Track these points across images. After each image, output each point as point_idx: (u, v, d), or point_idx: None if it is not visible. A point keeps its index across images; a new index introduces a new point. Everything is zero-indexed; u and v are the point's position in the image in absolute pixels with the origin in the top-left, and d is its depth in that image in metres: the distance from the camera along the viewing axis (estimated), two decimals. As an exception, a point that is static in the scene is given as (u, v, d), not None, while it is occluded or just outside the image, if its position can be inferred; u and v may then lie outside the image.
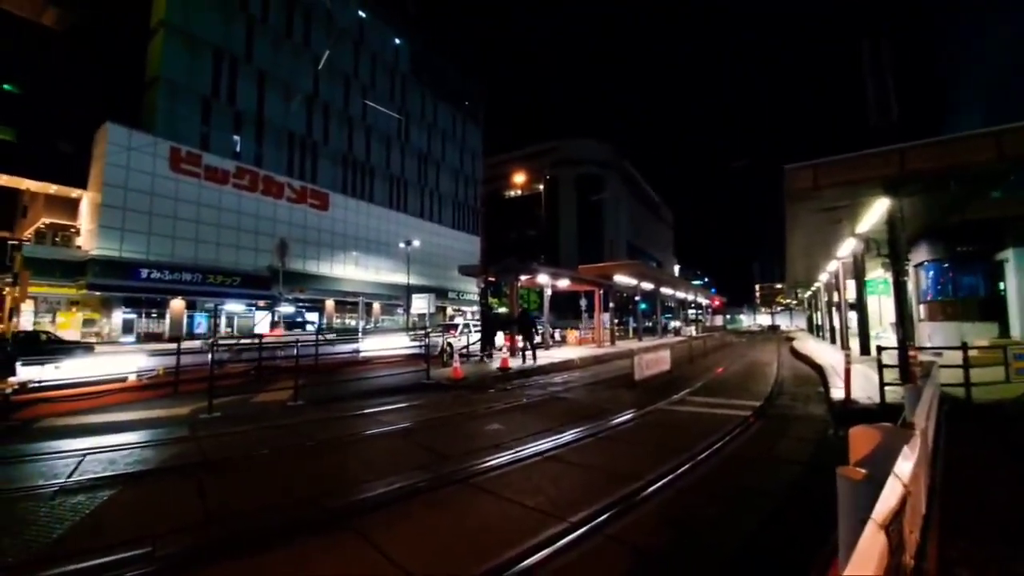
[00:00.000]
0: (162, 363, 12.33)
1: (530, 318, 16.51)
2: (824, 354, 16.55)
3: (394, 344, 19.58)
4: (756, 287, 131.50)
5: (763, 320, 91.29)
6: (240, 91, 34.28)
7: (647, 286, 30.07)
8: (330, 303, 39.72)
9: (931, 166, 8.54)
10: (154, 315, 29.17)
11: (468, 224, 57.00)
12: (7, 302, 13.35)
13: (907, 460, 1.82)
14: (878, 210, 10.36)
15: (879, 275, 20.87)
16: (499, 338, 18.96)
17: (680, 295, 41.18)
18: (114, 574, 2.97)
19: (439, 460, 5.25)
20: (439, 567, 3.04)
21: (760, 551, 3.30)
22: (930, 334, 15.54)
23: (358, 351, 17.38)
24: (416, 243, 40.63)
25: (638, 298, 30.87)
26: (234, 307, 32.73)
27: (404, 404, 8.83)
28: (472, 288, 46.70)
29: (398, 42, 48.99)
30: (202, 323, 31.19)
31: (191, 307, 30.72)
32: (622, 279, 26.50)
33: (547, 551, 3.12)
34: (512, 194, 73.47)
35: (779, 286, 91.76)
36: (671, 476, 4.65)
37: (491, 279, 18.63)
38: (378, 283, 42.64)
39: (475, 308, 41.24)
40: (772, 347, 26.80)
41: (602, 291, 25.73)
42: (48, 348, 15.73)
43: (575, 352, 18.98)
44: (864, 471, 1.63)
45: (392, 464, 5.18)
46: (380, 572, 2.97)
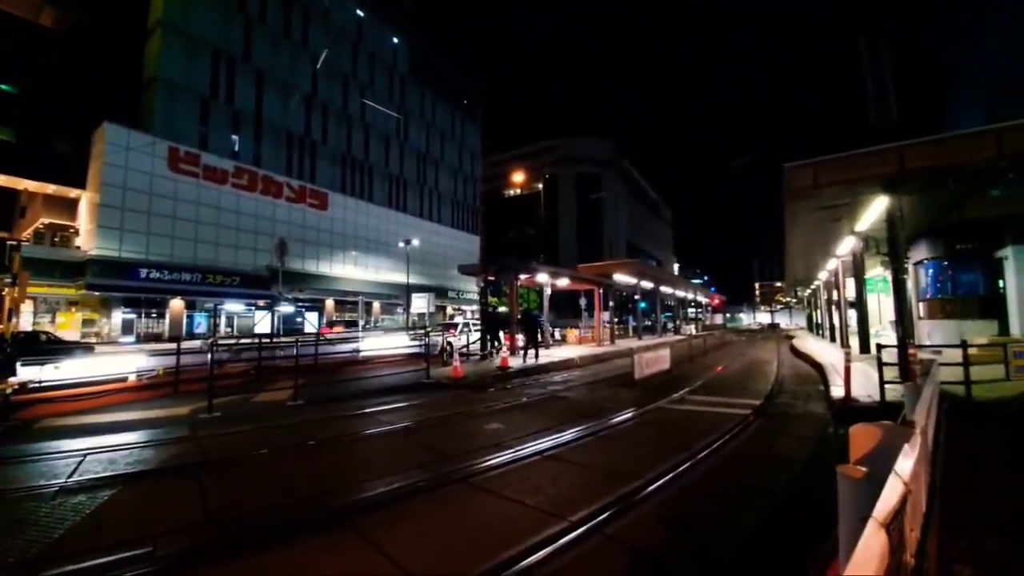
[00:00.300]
0: (162, 363, 12.33)
1: (534, 318, 16.76)
2: (824, 352, 16.56)
3: (394, 343, 19.57)
4: (756, 285, 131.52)
5: (763, 318, 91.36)
6: (238, 91, 34.23)
7: (647, 285, 30.06)
8: (330, 303, 39.71)
9: (930, 164, 8.53)
10: (154, 315, 29.16)
11: (467, 223, 56.97)
12: (6, 302, 13.32)
13: (907, 458, 1.82)
14: (877, 208, 10.36)
15: (878, 273, 20.90)
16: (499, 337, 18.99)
17: (680, 294, 41.18)
18: (114, 574, 2.97)
19: (439, 459, 5.25)
20: (439, 566, 3.04)
21: (760, 550, 3.30)
22: (930, 332, 15.56)
23: (358, 351, 17.37)
24: (415, 242, 40.63)
25: (638, 297, 30.87)
26: (233, 307, 32.71)
27: (404, 403, 8.83)
28: (472, 287, 46.72)
29: (396, 41, 48.91)
30: (202, 323, 31.18)
31: (190, 307, 30.71)
32: (622, 278, 26.49)
33: (547, 550, 3.13)
34: (512, 193, 73.44)
35: (779, 284, 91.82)
36: (671, 475, 4.65)
37: (491, 278, 18.62)
38: (378, 282, 42.64)
39: (475, 307, 41.26)
40: (772, 345, 26.81)
41: (602, 290, 25.73)
42: (48, 348, 15.71)
43: (575, 351, 18.98)
44: (864, 469, 1.63)
45: (392, 463, 5.18)
46: (380, 572, 2.97)
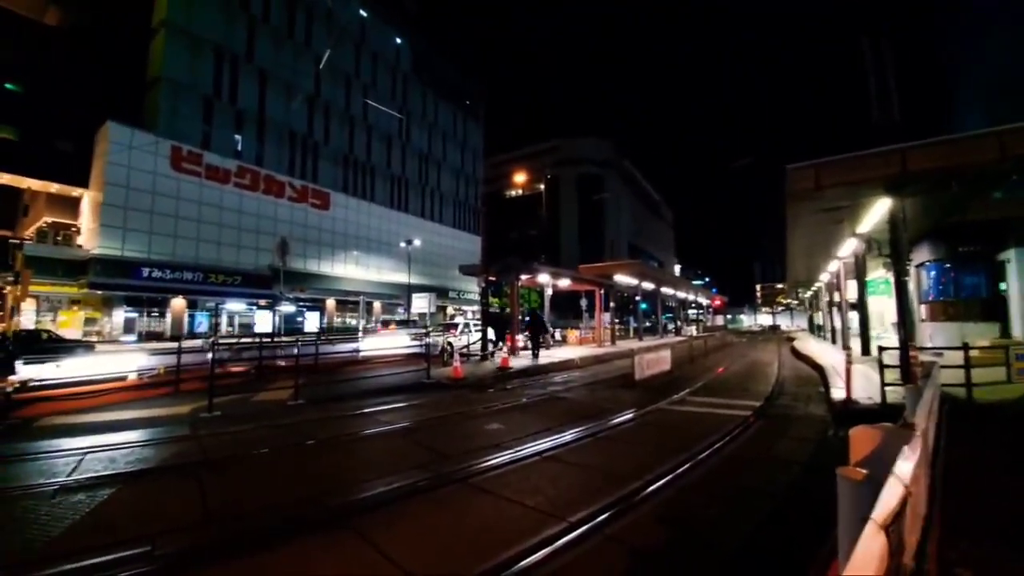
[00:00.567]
0: (163, 362, 12.34)
1: (541, 319, 16.87)
2: (825, 354, 16.51)
3: (394, 343, 19.57)
4: (757, 287, 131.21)
5: (764, 320, 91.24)
6: (241, 90, 34.32)
7: (648, 286, 30.03)
8: (331, 302, 39.76)
9: (933, 166, 8.51)
10: (155, 314, 29.24)
11: (469, 224, 57.00)
12: (8, 301, 13.38)
13: (907, 461, 1.81)
14: (879, 210, 10.33)
15: (880, 275, 20.83)
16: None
17: (681, 295, 41.14)
18: (114, 573, 2.97)
19: (439, 459, 5.25)
20: (439, 567, 3.04)
21: (759, 551, 3.29)
22: (931, 334, 15.51)
23: (358, 350, 17.38)
24: (417, 242, 40.67)
25: (639, 298, 30.84)
26: (235, 306, 32.76)
27: (404, 403, 8.83)
28: (473, 287, 46.73)
29: (399, 41, 48.99)
30: (203, 322, 31.23)
31: (192, 306, 30.78)
32: (623, 279, 26.47)
33: (546, 551, 3.12)
34: (513, 194, 73.47)
35: (780, 286, 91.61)
36: (671, 476, 4.64)
37: (492, 278, 18.61)
38: (379, 282, 42.68)
39: (475, 308, 41.26)
40: (773, 347, 26.76)
41: (603, 291, 25.71)
42: (49, 347, 15.75)
43: (575, 352, 18.97)
44: (864, 471, 1.62)
45: (392, 463, 5.18)
46: (380, 572, 2.97)
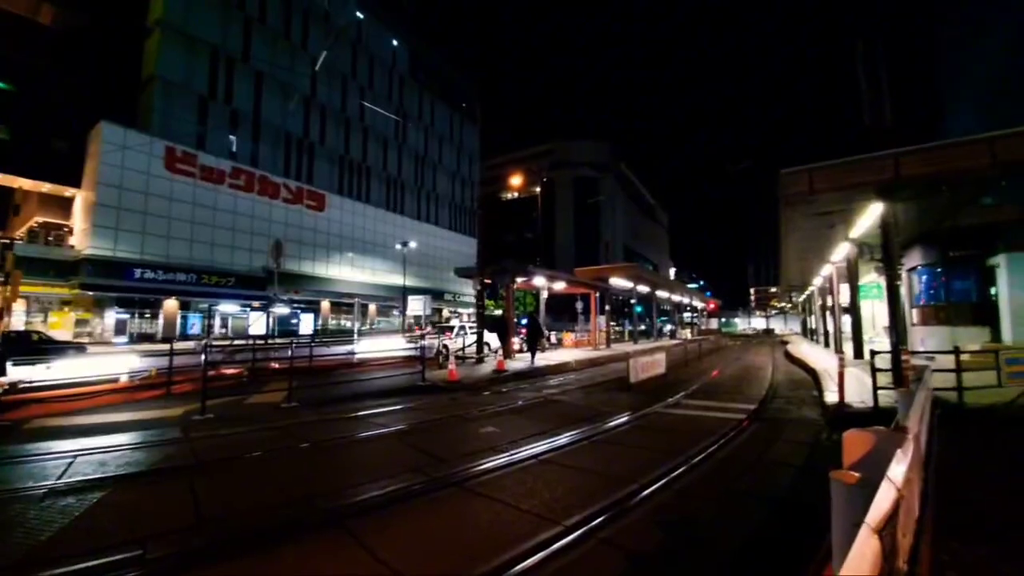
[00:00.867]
0: (155, 364, 12.23)
1: (538, 323, 17.10)
2: (818, 358, 16.63)
3: (390, 346, 19.50)
4: (751, 290, 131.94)
5: (758, 323, 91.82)
6: (237, 91, 34.17)
7: (643, 289, 30.13)
8: (326, 304, 39.58)
9: (925, 172, 8.61)
10: (147, 315, 28.97)
11: (465, 226, 56.98)
12: (-2, 301, 13.21)
13: (900, 464, 1.83)
14: (872, 215, 10.44)
15: (872, 279, 21.00)
16: (495, 340, 18.97)
17: (675, 298, 41.27)
18: (104, 577, 2.93)
19: (433, 463, 5.23)
20: (433, 570, 3.02)
21: (754, 555, 3.30)
22: (923, 338, 15.65)
23: (353, 353, 17.30)
24: (412, 244, 40.60)
25: (634, 301, 30.93)
26: (228, 308, 32.56)
27: (399, 406, 8.79)
28: (468, 290, 46.72)
29: (396, 43, 48.99)
30: (196, 324, 31.01)
31: (185, 308, 30.54)
32: (618, 282, 26.53)
33: (541, 555, 3.12)
34: (509, 196, 73.52)
35: (773, 290, 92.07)
36: (666, 479, 4.65)
37: (487, 281, 18.62)
38: (374, 284, 42.55)
39: (471, 310, 41.20)
40: (767, 350, 26.91)
41: (598, 294, 25.75)
42: (40, 348, 15.58)
43: (571, 355, 18.98)
44: (858, 475, 1.63)
45: (386, 467, 5.15)
46: (373, 575, 2.95)
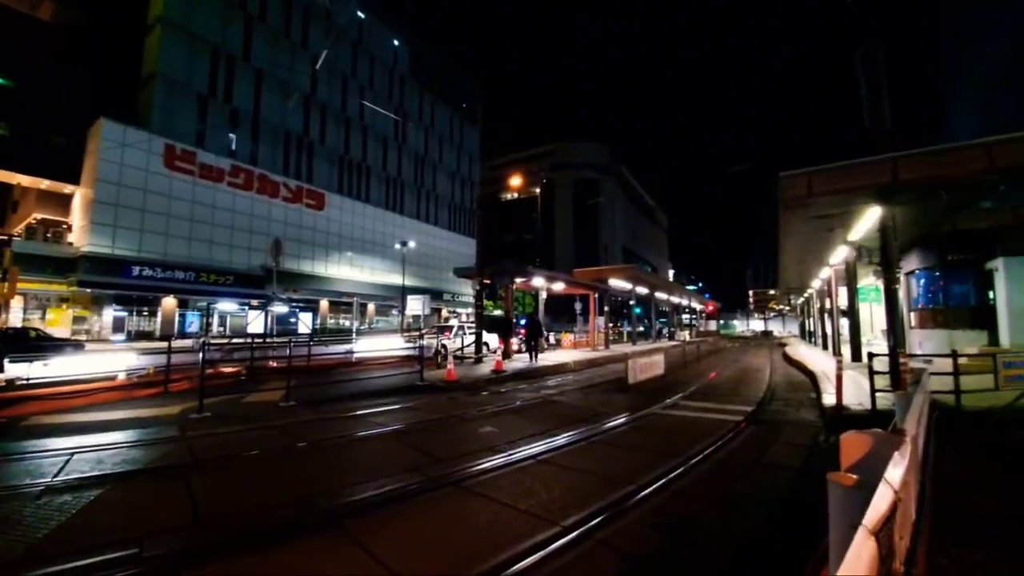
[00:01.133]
0: (152, 362, 12.20)
1: (538, 324, 17.38)
2: (816, 360, 16.65)
3: (388, 345, 19.49)
4: (750, 293, 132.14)
5: (756, 326, 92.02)
6: (237, 89, 34.17)
7: (642, 290, 30.16)
8: (324, 303, 39.56)
9: (923, 176, 8.61)
10: (145, 313, 28.94)
11: (464, 226, 56.98)
12: (-4, 298, 13.19)
13: (898, 467, 1.83)
14: (870, 218, 10.45)
15: (871, 282, 21.03)
16: (493, 340, 18.98)
17: (674, 300, 41.33)
18: (100, 575, 2.93)
19: (431, 462, 5.23)
20: (430, 570, 3.02)
21: (751, 557, 3.30)
22: (920, 341, 15.67)
23: (351, 352, 17.28)
24: (412, 244, 40.61)
25: (633, 302, 30.96)
26: (227, 306, 32.53)
27: (397, 406, 8.78)
28: (467, 290, 46.69)
29: (396, 43, 49.01)
30: (194, 322, 30.98)
31: (183, 306, 30.51)
32: (617, 283, 26.55)
33: (538, 555, 3.12)
34: (509, 197, 73.55)
35: (772, 292, 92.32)
36: (663, 481, 4.65)
37: (486, 281, 18.62)
38: (373, 284, 42.54)
39: (470, 310, 41.20)
40: (765, 352, 26.94)
41: (597, 295, 25.77)
42: (37, 345, 15.54)
43: (569, 355, 18.99)
44: (855, 477, 1.63)
45: (384, 466, 5.14)
46: (370, 575, 2.95)
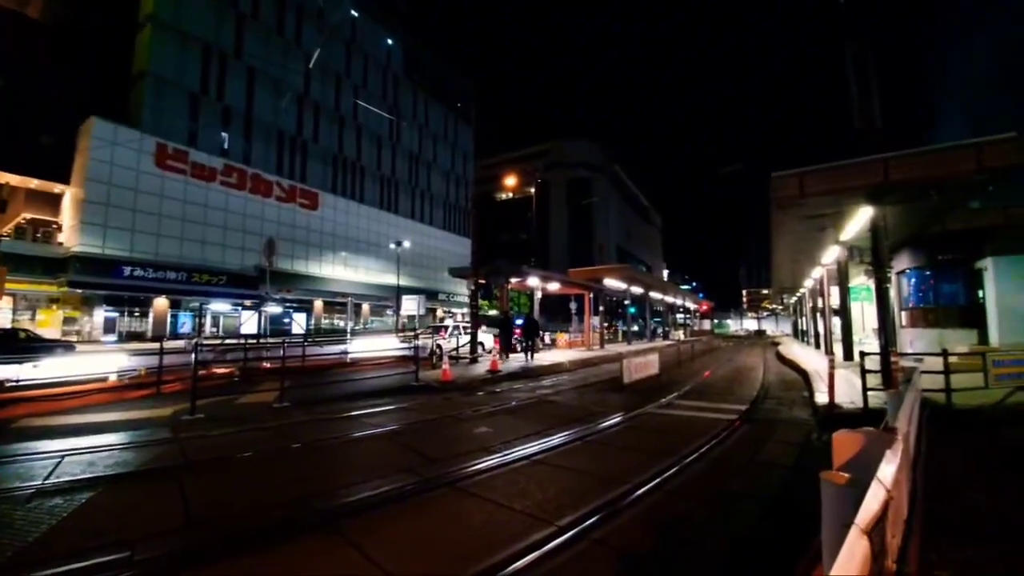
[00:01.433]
0: (144, 363, 12.09)
1: (535, 322, 17.62)
2: (809, 359, 16.78)
3: (383, 346, 19.42)
4: (743, 292, 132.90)
5: (750, 325, 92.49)
6: (229, 88, 33.88)
7: (636, 290, 30.26)
8: (319, 304, 39.36)
9: (914, 176, 8.71)
10: (137, 314, 28.66)
11: (459, 226, 56.88)
12: (-16, 299, 13.02)
13: (889, 465, 1.85)
14: (862, 218, 10.56)
15: (862, 282, 21.24)
16: (488, 340, 18.97)
17: (669, 299, 41.49)
18: (91, 579, 2.90)
19: (426, 463, 5.22)
20: (425, 571, 3.02)
21: (745, 555, 3.33)
22: (911, 340, 15.85)
23: (346, 352, 17.21)
24: (406, 244, 40.45)
25: (627, 302, 31.06)
26: (219, 306, 32.26)
27: (392, 406, 8.76)
28: (462, 290, 46.58)
29: (390, 42, 48.82)
30: (186, 323, 30.72)
31: (175, 306, 30.25)
32: (612, 283, 26.63)
33: (534, 555, 3.12)
34: (503, 196, 73.60)
35: (765, 292, 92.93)
36: (658, 480, 4.67)
37: (481, 281, 18.62)
38: (368, 284, 42.36)
39: (465, 310, 41.14)
40: (758, 351, 27.13)
41: (592, 295, 25.83)
42: (27, 346, 15.37)
43: (564, 355, 19.02)
44: (847, 476, 1.65)
45: (378, 467, 5.13)
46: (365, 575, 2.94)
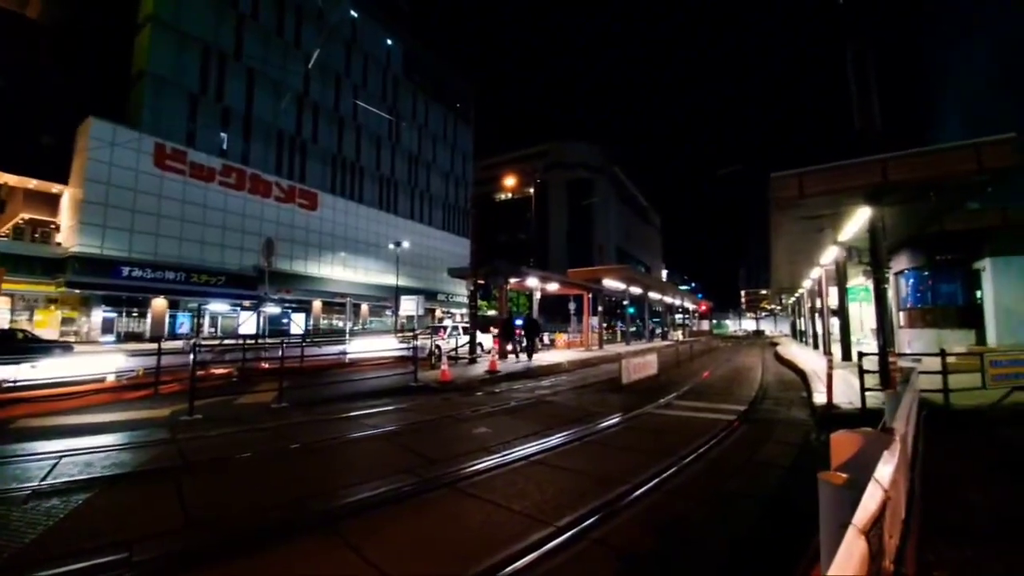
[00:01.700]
0: (142, 364, 12.06)
1: (536, 323, 17.61)
2: (807, 359, 16.79)
3: (382, 346, 19.39)
4: (742, 293, 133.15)
5: (748, 325, 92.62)
6: (228, 88, 33.86)
7: (635, 290, 30.27)
8: (317, 304, 39.32)
9: (912, 177, 8.72)
10: (135, 314, 28.61)
11: (458, 226, 56.88)
12: (-19, 299, 12.99)
13: (887, 465, 1.85)
14: (860, 219, 10.57)
15: (860, 282, 21.28)
16: (487, 340, 18.97)
17: (668, 300, 41.51)
18: (89, 580, 2.89)
19: (425, 464, 5.21)
20: (424, 572, 3.01)
21: (744, 555, 3.32)
22: (909, 340, 15.87)
23: (345, 353, 17.19)
24: (405, 244, 40.42)
25: (626, 302, 31.07)
26: (218, 307, 32.22)
27: (391, 407, 8.75)
28: (461, 290, 46.56)
29: (390, 42, 48.83)
30: (185, 323, 30.66)
31: (173, 306, 30.19)
32: (611, 283, 26.62)
33: (533, 555, 3.12)
34: (502, 197, 73.60)
35: (764, 292, 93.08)
36: (657, 480, 4.67)
37: (480, 281, 18.60)
38: (367, 284, 42.34)
39: (464, 311, 41.14)
40: (757, 352, 27.14)
41: (591, 295, 25.83)
42: (25, 347, 15.33)
43: (563, 355, 19.02)
44: (845, 476, 1.65)
45: (377, 467, 5.12)
46: (364, 577, 2.93)
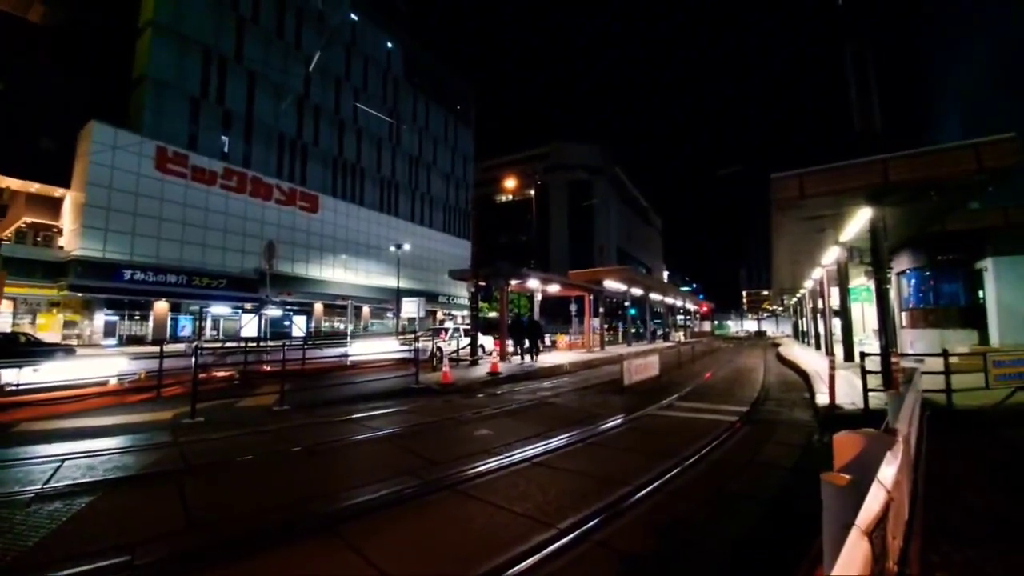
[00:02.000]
0: (144, 367, 12.08)
1: (539, 324, 17.35)
2: (809, 360, 16.76)
3: (383, 348, 19.39)
4: (743, 293, 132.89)
5: (750, 326, 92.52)
6: (229, 91, 33.95)
7: (636, 292, 30.26)
8: (319, 306, 39.38)
9: (913, 177, 8.72)
10: (137, 317, 28.67)
11: (459, 228, 56.93)
12: (-16, 303, 13.02)
13: (890, 466, 1.85)
14: (861, 219, 10.57)
15: (862, 283, 21.25)
16: (489, 342, 18.96)
17: (669, 301, 41.48)
18: (91, 584, 2.89)
19: (427, 466, 5.21)
20: (426, 574, 3.01)
21: (746, 556, 3.32)
22: (912, 341, 15.85)
23: (346, 355, 17.20)
24: (406, 246, 40.47)
25: (628, 303, 31.05)
26: (220, 310, 32.29)
27: (392, 409, 8.75)
28: (463, 292, 46.56)
29: (390, 45, 48.96)
30: (186, 326, 30.73)
31: (175, 309, 30.25)
32: (612, 284, 26.62)
33: (535, 557, 3.11)
34: (503, 199, 73.62)
35: (765, 293, 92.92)
36: (659, 481, 4.66)
37: (481, 283, 18.61)
38: (368, 286, 42.38)
39: (465, 312, 41.17)
40: (759, 353, 27.11)
41: (592, 296, 25.82)
42: (27, 350, 15.36)
43: (565, 357, 19.01)
44: (848, 477, 1.65)
45: (379, 470, 5.13)
46: (366, 580, 2.93)
